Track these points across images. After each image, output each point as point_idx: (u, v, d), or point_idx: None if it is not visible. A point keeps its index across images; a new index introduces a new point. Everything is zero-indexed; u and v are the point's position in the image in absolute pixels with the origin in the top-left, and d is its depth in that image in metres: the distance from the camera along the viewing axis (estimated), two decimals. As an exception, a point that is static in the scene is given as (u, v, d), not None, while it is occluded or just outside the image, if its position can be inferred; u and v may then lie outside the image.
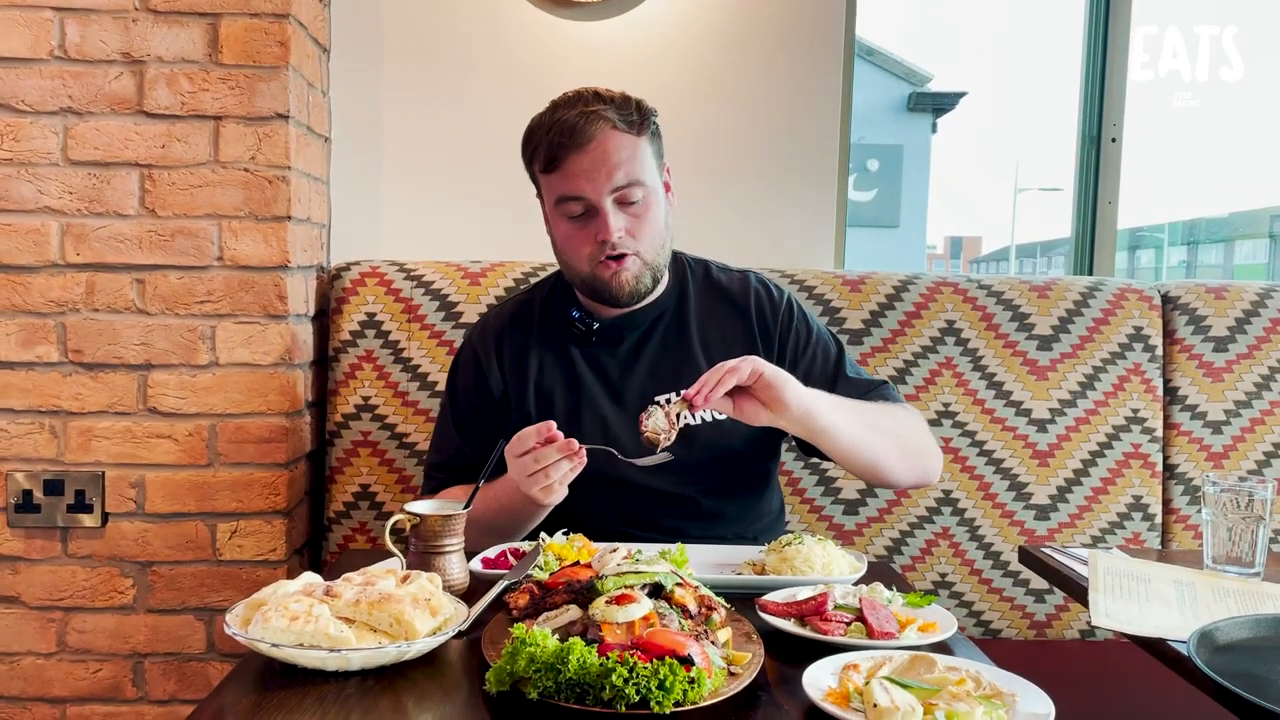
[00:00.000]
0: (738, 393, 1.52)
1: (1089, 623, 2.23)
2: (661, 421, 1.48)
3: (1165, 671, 1.41)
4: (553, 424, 1.47)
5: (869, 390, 1.76)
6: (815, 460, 2.16)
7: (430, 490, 1.78)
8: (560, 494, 1.50)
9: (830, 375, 1.77)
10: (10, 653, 2.06)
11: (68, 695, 2.07)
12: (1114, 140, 2.68)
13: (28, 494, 2.01)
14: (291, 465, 2.09)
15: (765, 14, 2.45)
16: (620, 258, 1.64)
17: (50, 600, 2.05)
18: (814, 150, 2.48)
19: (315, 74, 2.24)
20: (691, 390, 1.48)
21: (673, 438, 1.49)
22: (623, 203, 1.64)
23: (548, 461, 1.46)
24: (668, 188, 1.74)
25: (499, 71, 2.45)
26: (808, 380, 1.61)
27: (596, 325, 1.75)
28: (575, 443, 1.46)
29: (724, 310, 1.80)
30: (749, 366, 1.49)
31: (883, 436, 1.66)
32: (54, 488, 2.02)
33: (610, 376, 1.76)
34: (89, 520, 2.03)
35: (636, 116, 1.65)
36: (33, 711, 2.07)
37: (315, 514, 2.28)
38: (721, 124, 2.46)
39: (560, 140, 1.62)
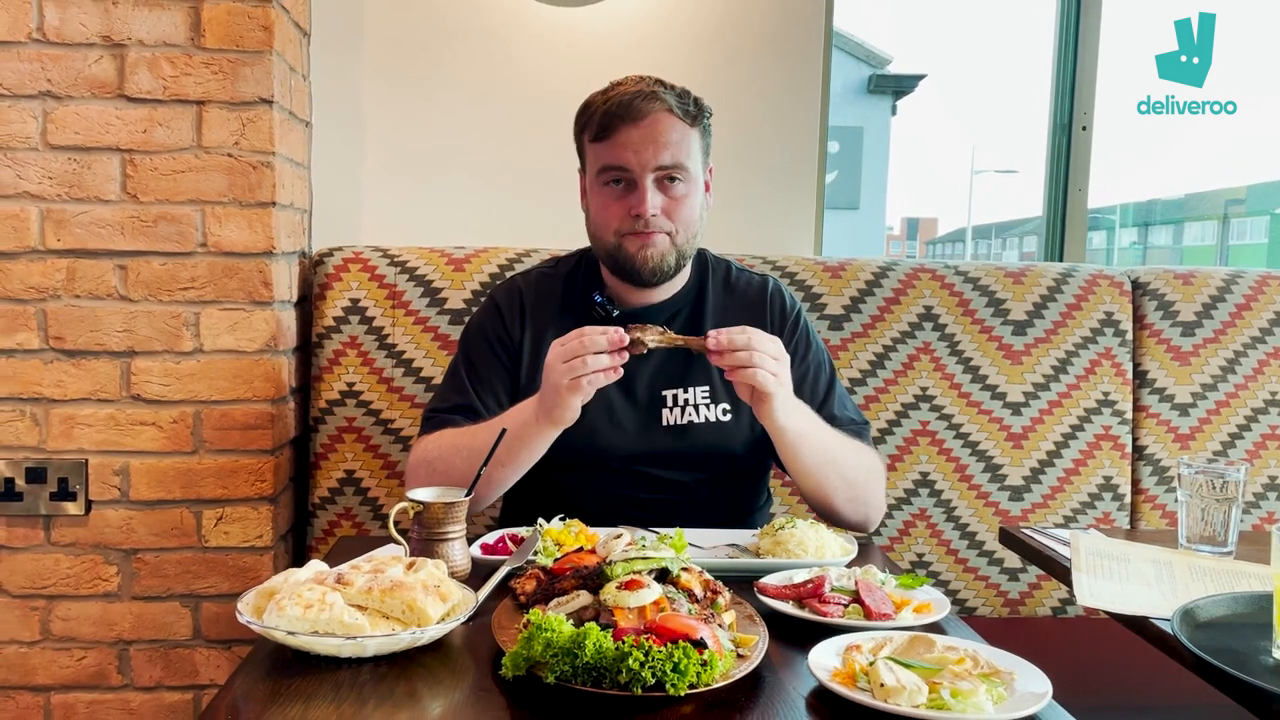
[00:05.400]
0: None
1: (1061, 601, 2.30)
2: (656, 335, 1.53)
3: (1134, 645, 1.47)
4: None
5: (847, 427, 1.78)
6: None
7: (427, 431, 1.73)
8: (585, 395, 1.51)
9: (818, 397, 1.80)
10: (-8, 641, 2.05)
11: (51, 683, 2.06)
12: (1084, 129, 2.73)
13: (9, 482, 1.99)
14: (277, 452, 2.09)
15: (747, 2, 2.47)
16: (650, 233, 1.67)
17: (33, 588, 2.04)
18: (795, 138, 2.51)
19: (297, 58, 2.23)
20: (713, 343, 1.51)
21: (648, 344, 1.53)
22: (663, 183, 1.68)
23: (594, 347, 1.48)
24: (708, 187, 1.77)
25: (480, 57, 2.44)
26: (795, 392, 1.62)
27: (616, 313, 1.77)
28: (626, 338, 1.50)
29: (739, 312, 1.82)
30: (769, 380, 1.51)
31: (837, 475, 1.68)
32: (36, 476, 2.00)
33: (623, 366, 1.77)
34: (73, 508, 2.01)
35: (693, 108, 1.70)
36: (16, 700, 2.06)
37: (299, 500, 2.28)
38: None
39: (616, 112, 1.66)
